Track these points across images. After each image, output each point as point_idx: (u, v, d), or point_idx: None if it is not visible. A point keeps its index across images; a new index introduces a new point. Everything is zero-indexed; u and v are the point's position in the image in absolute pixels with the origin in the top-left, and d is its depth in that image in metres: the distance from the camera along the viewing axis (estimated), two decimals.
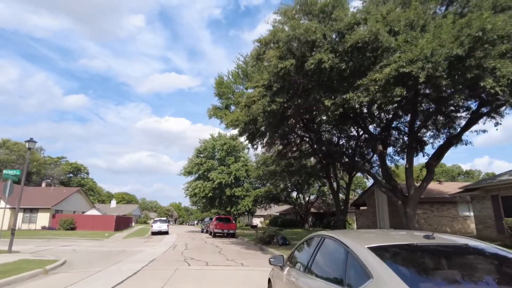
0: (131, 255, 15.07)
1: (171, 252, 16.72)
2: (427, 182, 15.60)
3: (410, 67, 8.70)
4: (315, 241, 3.77)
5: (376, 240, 2.98)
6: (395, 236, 3.40)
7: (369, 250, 2.53)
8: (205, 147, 40.55)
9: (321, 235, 3.68)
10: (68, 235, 29.19)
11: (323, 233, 3.67)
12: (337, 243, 3.07)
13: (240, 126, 17.20)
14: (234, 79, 21.95)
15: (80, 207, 44.42)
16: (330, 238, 3.36)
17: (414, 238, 2.98)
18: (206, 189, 38.26)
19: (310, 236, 4.17)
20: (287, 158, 24.23)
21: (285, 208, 55.24)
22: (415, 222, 15.28)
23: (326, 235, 3.51)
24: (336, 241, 3.12)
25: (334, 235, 3.32)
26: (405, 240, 2.98)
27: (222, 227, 29.23)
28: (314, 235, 4.04)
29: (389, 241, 2.93)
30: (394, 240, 3.02)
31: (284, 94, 13.25)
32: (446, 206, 22.42)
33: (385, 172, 16.87)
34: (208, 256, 14.46)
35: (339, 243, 3.01)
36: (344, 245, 2.85)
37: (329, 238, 3.37)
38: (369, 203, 27.86)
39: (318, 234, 3.89)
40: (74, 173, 76.64)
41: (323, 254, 3.42)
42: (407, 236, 3.24)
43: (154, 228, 35.07)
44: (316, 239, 3.78)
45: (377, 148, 16.91)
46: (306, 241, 4.27)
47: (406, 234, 3.54)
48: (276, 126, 15.81)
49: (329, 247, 3.33)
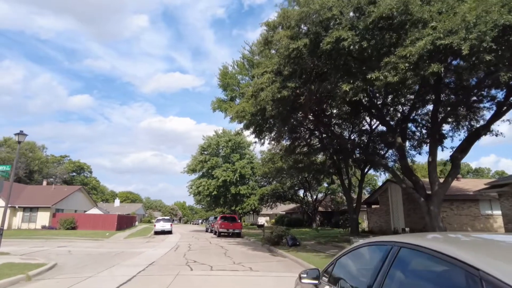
0: (129, 258, 13.84)
1: (172, 254, 15.47)
2: (452, 177, 14.19)
3: (449, 38, 7.34)
4: (380, 251, 2.44)
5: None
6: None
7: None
8: (209, 144, 39.27)
9: (392, 242, 2.34)
10: (68, 235, 28.12)
11: (395, 240, 2.33)
12: (440, 258, 1.74)
13: (246, 118, 15.86)
14: (240, 69, 20.61)
15: (81, 206, 43.41)
16: (417, 248, 2.02)
17: None
18: (211, 187, 37.02)
19: (366, 244, 2.83)
20: (296, 153, 22.87)
21: (292, 206, 53.91)
22: (440, 221, 13.88)
23: (406, 244, 2.17)
24: (436, 255, 1.78)
25: (428, 244, 1.98)
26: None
27: (227, 227, 27.97)
28: (376, 242, 2.70)
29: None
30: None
31: (296, 79, 11.90)
32: (467, 204, 20.95)
33: (405, 167, 15.47)
34: (213, 259, 13.18)
35: (447, 259, 1.67)
36: (465, 265, 1.52)
37: (416, 249, 2.03)
38: (381, 201, 26.44)
39: (383, 241, 2.55)
40: (77, 171, 75.84)
41: (404, 273, 2.10)
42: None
43: (157, 228, 33.89)
44: (382, 248, 2.43)
45: (396, 140, 15.50)
46: (358, 250, 2.94)
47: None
48: (286, 116, 14.46)
49: (420, 263, 2.02)
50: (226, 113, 20.92)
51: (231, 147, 39.55)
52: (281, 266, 11.65)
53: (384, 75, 8.83)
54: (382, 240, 2.57)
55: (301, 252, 14.62)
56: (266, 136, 20.01)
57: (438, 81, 14.23)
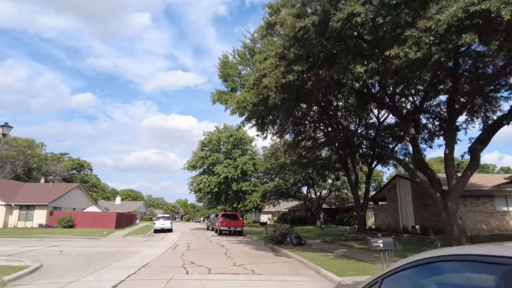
0: (123, 258, 12.84)
1: (169, 254, 14.46)
2: (472, 170, 13.08)
3: (486, 3, 6.23)
4: (482, 271, 1.34)
5: None
6: None
7: None
8: (209, 140, 38.20)
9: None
10: (64, 234, 27.20)
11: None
12: None
13: (248, 109, 14.76)
14: (241, 59, 19.50)
15: (80, 204, 42.53)
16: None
17: None
18: (212, 184, 35.99)
19: (446, 257, 1.73)
20: (300, 147, 21.79)
21: (294, 204, 52.87)
22: (458, 218, 12.78)
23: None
24: None
25: None
26: None
27: (229, 225, 26.97)
28: (471, 255, 1.58)
29: None
30: None
31: (303, 62, 10.80)
32: (481, 200, 19.82)
33: (418, 160, 14.36)
34: (212, 260, 12.15)
35: None
36: None
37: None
38: (389, 198, 25.34)
39: (487, 255, 1.45)
40: (78, 169, 75.01)
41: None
42: None
43: (157, 226, 32.95)
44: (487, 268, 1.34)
45: (409, 131, 14.39)
46: (427, 266, 1.83)
47: None
48: (291, 106, 13.35)
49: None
50: (226, 105, 19.83)
51: (233, 142, 38.50)
52: (286, 268, 10.61)
53: (404, 52, 7.71)
54: (485, 254, 1.47)
55: (307, 252, 13.58)
56: (269, 129, 18.96)
57: (456, 67, 13.10)
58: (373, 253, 12.78)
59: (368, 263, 10.30)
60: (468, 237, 12.77)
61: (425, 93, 16.67)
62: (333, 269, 9.44)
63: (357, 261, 10.79)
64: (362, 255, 12.24)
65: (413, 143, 14.51)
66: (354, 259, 11.36)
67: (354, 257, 11.72)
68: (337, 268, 9.49)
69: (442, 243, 12.84)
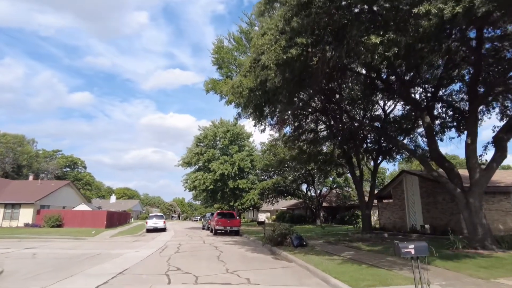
0: (101, 262, 11.25)
1: (155, 257, 12.86)
2: (498, 162, 11.56)
3: None
4: None
5: None
6: None
7: None
8: (205, 135, 36.52)
9: None
10: (49, 234, 25.51)
11: None
12: None
13: (244, 95, 13.14)
14: (237, 44, 17.85)
15: (70, 202, 40.79)
16: None
17: None
18: (207, 181, 34.35)
19: None
20: (301, 141, 20.23)
21: (293, 202, 51.33)
22: (483, 217, 11.27)
23: None
24: None
25: None
26: None
27: (225, 224, 25.37)
28: None
29: None
30: None
31: (307, 34, 9.19)
32: (497, 197, 18.32)
33: (434, 151, 12.83)
34: (202, 265, 10.57)
35: None
36: None
37: None
38: (395, 195, 23.81)
39: None
40: (71, 167, 73.10)
41: None
42: None
43: (149, 225, 31.33)
44: None
45: (424, 119, 12.85)
46: None
47: None
48: (293, 89, 11.76)
49: None
50: (221, 95, 18.20)
51: (229, 138, 36.83)
52: (287, 274, 9.04)
53: (438, 8, 6.13)
54: None
55: (310, 255, 12.01)
56: (267, 118, 17.39)
57: (480, 44, 11.53)
58: (387, 257, 11.25)
59: (384, 270, 8.75)
60: (493, 239, 11.25)
61: (439, 79, 15.15)
62: (344, 277, 7.89)
63: (370, 267, 9.23)
64: (373, 259, 10.69)
65: (428, 132, 12.97)
66: (366, 264, 9.80)
67: (365, 262, 10.17)
68: (348, 276, 7.94)
69: (463, 245, 11.33)
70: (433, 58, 15.79)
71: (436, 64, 16.00)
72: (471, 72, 13.28)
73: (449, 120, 17.28)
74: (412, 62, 14.12)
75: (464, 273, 8.03)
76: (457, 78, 16.31)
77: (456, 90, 17.47)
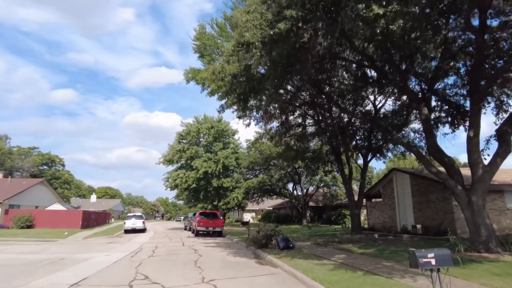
0: (57, 270, 9.75)
1: (124, 262, 11.41)
2: (502, 157, 10.62)
3: None
4: None
5: None
6: None
7: None
8: (188, 131, 34.88)
9: None
10: (16, 236, 23.54)
11: None
12: None
13: (226, 81, 11.82)
14: (220, 30, 16.45)
15: (44, 202, 38.51)
16: None
17: None
18: (189, 180, 32.77)
19: None
20: (288, 136, 19.06)
21: (279, 202, 50.25)
22: (486, 217, 10.31)
23: None
24: None
25: None
26: None
27: (207, 224, 23.96)
28: None
29: None
30: None
31: (298, 7, 7.95)
32: (491, 196, 17.56)
33: (433, 145, 11.84)
34: (174, 273, 9.21)
35: None
36: None
37: None
38: (385, 194, 22.94)
39: None
40: (48, 164, 69.89)
41: None
42: None
43: (127, 225, 29.63)
44: None
45: (422, 111, 11.84)
46: None
47: None
48: (280, 76, 10.50)
49: None
50: (203, 85, 16.79)
51: (214, 135, 35.33)
52: (272, 284, 7.80)
53: None
54: None
55: (298, 259, 10.82)
56: (253, 112, 16.14)
57: (483, 27, 10.55)
58: (383, 261, 10.15)
59: (383, 278, 7.61)
60: (498, 240, 10.30)
61: (435, 69, 14.21)
62: (339, 287, 6.73)
63: (367, 274, 8.08)
64: (369, 264, 9.57)
65: (426, 125, 11.97)
66: (361, 270, 8.65)
67: (360, 267, 9.02)
68: (344, 286, 6.78)
69: (465, 247, 10.34)
70: (429, 48, 14.92)
71: (431, 55, 15.14)
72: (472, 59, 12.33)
73: (444, 115, 16.42)
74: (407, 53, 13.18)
75: (476, 281, 6.96)
76: (453, 71, 15.47)
77: (450, 84, 16.67)
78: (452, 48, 14.18)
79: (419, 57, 15.49)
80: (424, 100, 12.90)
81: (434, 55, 15.27)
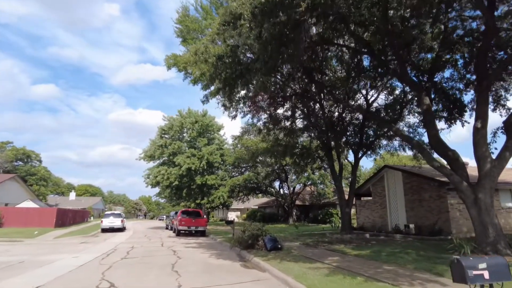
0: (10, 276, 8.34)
1: (91, 266, 10.03)
2: (511, 151, 9.74)
3: None
4: None
5: None
6: None
7: None
8: (171, 126, 33.29)
9: None
10: None
11: None
12: None
13: (210, 62, 10.56)
14: (205, 13, 15.14)
15: (15, 199, 36.21)
16: None
17: None
18: (171, 177, 31.22)
19: None
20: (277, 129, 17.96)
21: (265, 200, 49.19)
22: (494, 216, 9.44)
23: None
24: None
25: None
26: None
27: (189, 223, 22.62)
28: None
29: None
30: None
31: None
32: None
33: (434, 138, 10.92)
34: (147, 278, 7.93)
35: None
36: None
37: None
38: (375, 192, 22.12)
39: None
40: (23, 160, 66.61)
41: None
42: None
43: (104, 224, 27.95)
44: None
45: (423, 101, 10.91)
46: None
47: None
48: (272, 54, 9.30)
49: None
50: (185, 72, 15.45)
51: (198, 130, 33.85)
52: None
53: None
54: None
55: (288, 262, 9.71)
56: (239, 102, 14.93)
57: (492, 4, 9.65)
58: (383, 264, 9.14)
59: (389, 285, 6.56)
60: (506, 242, 9.43)
61: (436, 58, 13.37)
62: None
63: (369, 280, 7.02)
64: (367, 268, 8.53)
65: (427, 116, 11.04)
66: (361, 275, 7.59)
67: (358, 272, 7.97)
68: None
69: (471, 249, 9.44)
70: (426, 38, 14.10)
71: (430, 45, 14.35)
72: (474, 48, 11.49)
73: (441, 109, 15.65)
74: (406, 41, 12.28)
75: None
76: (452, 62, 14.71)
77: (446, 78, 15.94)
78: (451, 37, 13.41)
79: (417, 47, 14.71)
80: (426, 89, 12.00)
81: (432, 45, 14.52)
